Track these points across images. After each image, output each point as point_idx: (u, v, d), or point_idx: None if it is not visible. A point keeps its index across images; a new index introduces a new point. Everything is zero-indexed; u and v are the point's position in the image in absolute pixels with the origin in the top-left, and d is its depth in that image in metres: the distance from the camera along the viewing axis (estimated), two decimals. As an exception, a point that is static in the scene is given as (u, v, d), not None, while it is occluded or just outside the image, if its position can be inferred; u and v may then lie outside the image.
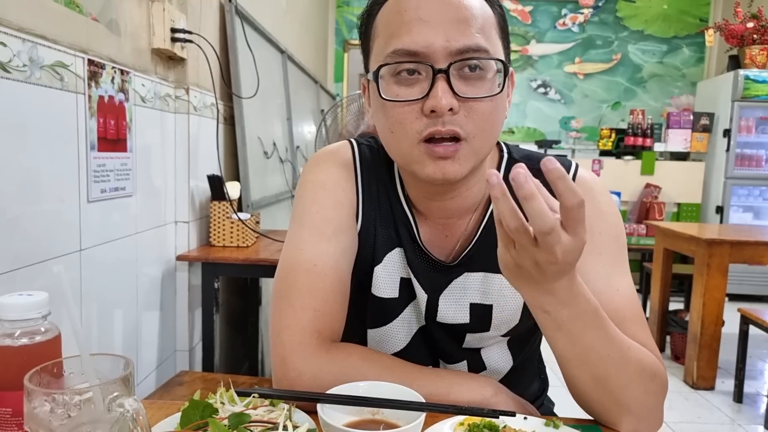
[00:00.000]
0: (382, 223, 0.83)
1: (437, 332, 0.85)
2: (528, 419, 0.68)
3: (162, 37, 1.69)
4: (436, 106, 0.66)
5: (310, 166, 0.86)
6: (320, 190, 0.82)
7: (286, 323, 0.75)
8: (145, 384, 1.72)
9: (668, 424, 2.49)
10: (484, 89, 0.69)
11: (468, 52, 0.67)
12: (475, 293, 0.82)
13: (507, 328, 0.84)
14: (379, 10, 0.72)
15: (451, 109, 0.67)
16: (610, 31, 5.48)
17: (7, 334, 0.55)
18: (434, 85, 0.67)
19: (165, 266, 1.85)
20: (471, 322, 0.82)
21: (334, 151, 0.86)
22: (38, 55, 1.16)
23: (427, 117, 0.68)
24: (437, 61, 0.67)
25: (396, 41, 0.68)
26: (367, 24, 0.75)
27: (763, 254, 2.79)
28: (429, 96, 0.67)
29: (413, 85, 0.69)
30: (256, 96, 2.26)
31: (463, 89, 0.68)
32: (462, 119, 0.68)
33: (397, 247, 0.83)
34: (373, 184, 0.84)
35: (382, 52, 0.70)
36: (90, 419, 0.48)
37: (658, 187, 4.79)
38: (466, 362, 0.87)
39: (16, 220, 1.12)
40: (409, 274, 0.83)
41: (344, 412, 0.63)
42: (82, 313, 1.37)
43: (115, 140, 1.49)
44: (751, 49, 4.51)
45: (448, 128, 0.68)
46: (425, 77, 0.68)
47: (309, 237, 0.79)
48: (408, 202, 0.83)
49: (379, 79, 0.71)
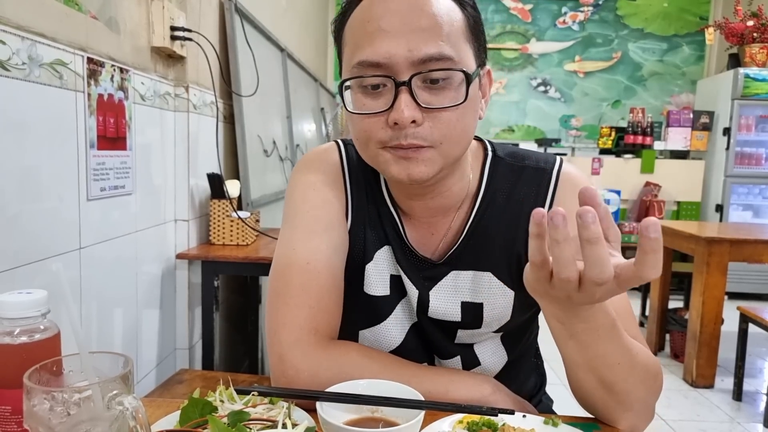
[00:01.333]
0: (371, 222, 0.84)
1: (429, 327, 0.85)
2: (527, 417, 0.68)
3: (161, 35, 1.69)
4: (398, 119, 0.66)
5: (300, 167, 0.87)
6: (310, 190, 0.83)
7: (282, 321, 0.75)
8: (144, 382, 1.73)
9: (667, 422, 2.49)
10: (448, 98, 0.68)
11: (431, 61, 0.66)
12: (465, 292, 0.82)
13: (499, 325, 0.84)
14: (348, 19, 0.72)
15: (414, 121, 0.67)
16: (611, 30, 5.48)
17: (6, 332, 0.56)
18: (397, 97, 0.66)
19: (165, 264, 1.85)
20: (463, 319, 0.83)
21: (322, 153, 0.87)
22: (37, 53, 1.16)
23: (391, 129, 0.68)
24: (400, 72, 0.66)
25: (360, 53, 0.68)
26: (338, 31, 0.75)
27: (763, 253, 2.79)
28: (392, 108, 0.67)
29: (378, 98, 0.69)
30: (255, 94, 2.26)
31: (427, 99, 0.67)
32: (427, 130, 0.68)
33: (386, 245, 0.84)
34: (361, 184, 0.85)
35: (348, 63, 0.71)
36: (89, 417, 0.48)
37: (658, 186, 4.79)
38: (460, 358, 0.87)
39: (16, 219, 1.12)
40: (399, 270, 0.83)
41: (343, 410, 0.63)
42: (82, 312, 1.37)
43: (115, 138, 1.48)
44: (751, 47, 4.51)
45: (410, 141, 0.68)
46: (389, 89, 0.68)
47: (301, 235, 0.80)
48: (393, 201, 0.84)
49: (345, 90, 0.71)
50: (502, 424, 0.64)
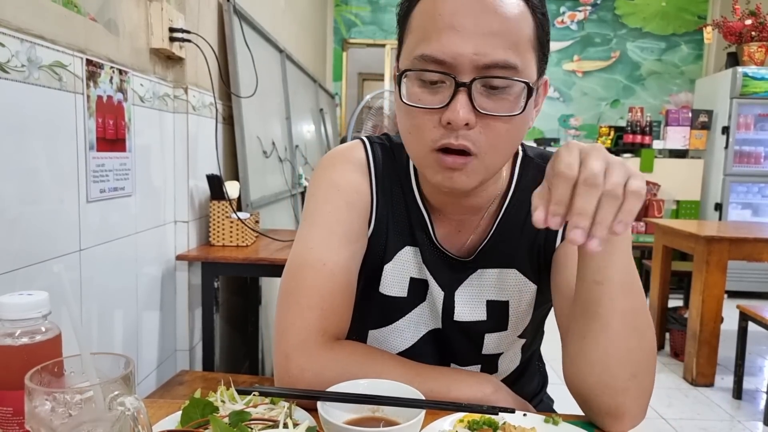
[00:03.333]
0: (396, 221, 0.83)
1: (454, 334, 0.85)
2: (528, 416, 0.68)
3: (160, 36, 1.69)
4: (452, 119, 0.66)
5: (324, 165, 0.85)
6: (333, 191, 0.81)
7: (291, 321, 0.75)
8: (145, 384, 1.73)
9: (668, 421, 2.49)
10: (505, 107, 0.67)
11: (495, 68, 0.65)
12: (491, 290, 0.82)
13: (523, 327, 0.85)
14: (417, 4, 0.70)
15: (467, 123, 0.66)
16: (609, 29, 5.48)
17: (7, 333, 0.56)
18: (455, 97, 0.66)
19: (165, 266, 1.85)
20: (488, 319, 0.83)
21: (347, 151, 0.86)
22: (36, 55, 1.16)
23: (443, 127, 0.67)
24: (462, 72, 0.65)
25: (425, 46, 0.67)
26: (405, 14, 0.73)
27: (762, 251, 2.79)
28: (448, 107, 0.66)
29: (435, 94, 0.68)
30: (254, 95, 2.26)
31: (483, 105, 0.66)
32: (476, 135, 0.67)
33: (409, 246, 0.83)
34: (387, 182, 0.84)
35: (411, 52, 0.69)
36: (91, 418, 0.48)
37: (657, 185, 4.80)
38: (480, 367, 0.87)
39: (16, 221, 1.12)
40: (423, 273, 0.83)
41: (344, 409, 0.63)
42: (82, 314, 1.37)
43: (114, 140, 1.49)
44: (750, 46, 4.51)
45: (461, 142, 0.67)
46: (448, 86, 0.67)
47: (319, 236, 0.79)
48: (422, 198, 0.83)
49: (403, 79, 0.70)
50: (503, 422, 0.64)
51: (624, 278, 0.66)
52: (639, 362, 0.68)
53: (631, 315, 0.67)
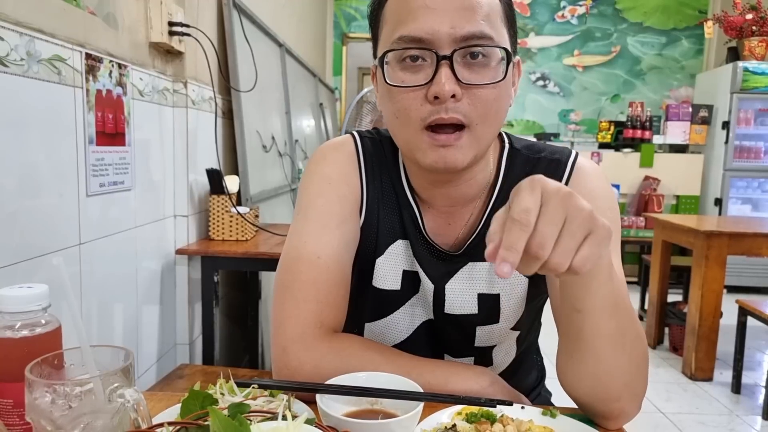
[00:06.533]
0: (386, 214, 0.84)
1: (446, 326, 0.85)
2: (525, 408, 0.68)
3: (159, 30, 1.69)
4: (439, 92, 0.67)
5: (316, 159, 0.86)
6: (325, 184, 0.82)
7: (288, 314, 0.75)
8: (145, 377, 1.73)
9: (666, 416, 2.50)
10: (487, 76, 0.69)
11: (472, 39, 0.68)
12: (481, 283, 0.82)
13: (516, 319, 0.85)
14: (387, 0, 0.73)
15: (454, 95, 0.68)
16: (609, 24, 5.47)
17: (8, 326, 0.56)
18: (438, 71, 0.68)
19: (164, 260, 1.86)
20: (479, 312, 0.83)
21: (338, 145, 0.87)
22: (36, 48, 1.16)
23: (430, 104, 0.69)
24: (441, 47, 0.68)
25: (402, 28, 0.69)
26: (377, 11, 0.76)
27: (762, 246, 2.79)
28: (433, 82, 0.68)
29: (418, 72, 0.70)
30: (254, 90, 2.26)
31: (466, 76, 0.68)
32: (465, 106, 0.69)
33: (400, 239, 0.83)
34: (377, 175, 0.85)
35: (389, 38, 0.72)
36: (91, 410, 0.48)
37: (657, 180, 4.80)
38: (474, 359, 0.87)
39: (16, 214, 1.12)
40: (414, 265, 0.83)
41: (343, 402, 0.64)
42: (82, 308, 1.38)
43: (114, 134, 1.49)
44: (750, 40, 4.50)
45: (451, 115, 0.68)
46: (429, 63, 0.69)
47: (313, 229, 0.79)
48: (412, 191, 0.84)
49: (384, 65, 0.72)
50: (501, 415, 0.65)
51: (605, 303, 0.62)
52: (630, 373, 0.67)
53: (617, 335, 0.65)
